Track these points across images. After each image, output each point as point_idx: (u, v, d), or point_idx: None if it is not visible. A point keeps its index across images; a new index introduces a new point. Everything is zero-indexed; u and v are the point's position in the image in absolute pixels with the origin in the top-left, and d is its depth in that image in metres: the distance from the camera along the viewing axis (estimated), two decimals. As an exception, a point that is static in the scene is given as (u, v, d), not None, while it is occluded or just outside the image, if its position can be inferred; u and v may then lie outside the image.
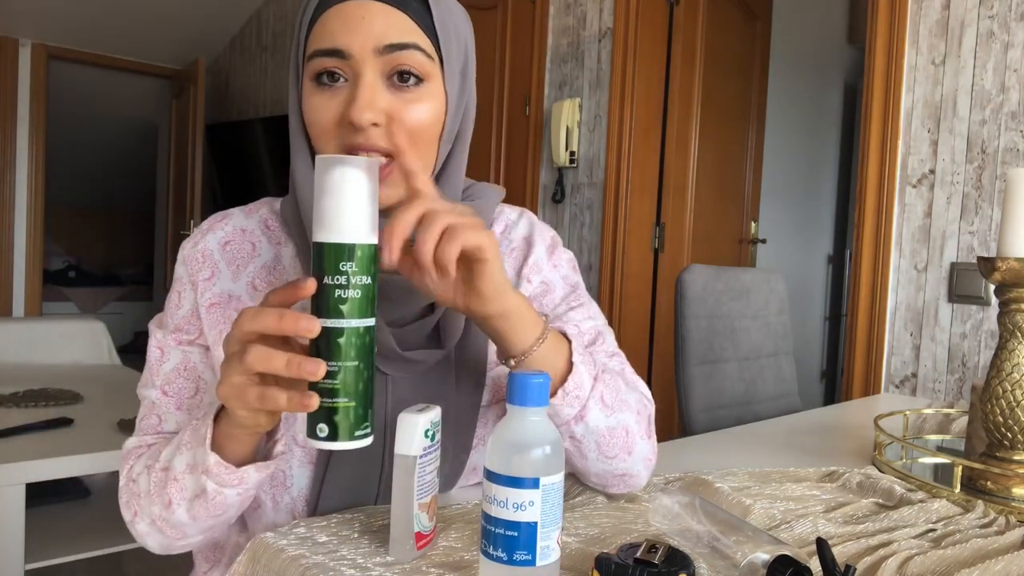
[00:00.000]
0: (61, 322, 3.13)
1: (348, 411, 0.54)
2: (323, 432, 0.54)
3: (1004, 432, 0.88)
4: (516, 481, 0.54)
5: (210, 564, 0.82)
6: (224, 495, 0.65)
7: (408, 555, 0.61)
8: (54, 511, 1.96)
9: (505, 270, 0.67)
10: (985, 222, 1.95)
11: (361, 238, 0.54)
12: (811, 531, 0.74)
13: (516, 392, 0.55)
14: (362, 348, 0.54)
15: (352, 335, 0.54)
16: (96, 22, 4.66)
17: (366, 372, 0.55)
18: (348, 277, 0.54)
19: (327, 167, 0.55)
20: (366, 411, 0.55)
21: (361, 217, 0.55)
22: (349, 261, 0.54)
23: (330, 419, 0.54)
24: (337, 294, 0.54)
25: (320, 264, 0.54)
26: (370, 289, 0.55)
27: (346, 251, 0.54)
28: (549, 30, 2.97)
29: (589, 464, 0.76)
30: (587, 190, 2.85)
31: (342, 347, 0.54)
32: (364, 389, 0.55)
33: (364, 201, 0.55)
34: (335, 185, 0.54)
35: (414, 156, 0.70)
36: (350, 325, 0.54)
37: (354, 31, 0.68)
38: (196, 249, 0.77)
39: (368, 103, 0.67)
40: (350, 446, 0.55)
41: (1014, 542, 0.73)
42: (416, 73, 0.69)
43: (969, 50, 1.97)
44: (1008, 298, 0.88)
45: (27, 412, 2.02)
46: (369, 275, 0.55)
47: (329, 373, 0.53)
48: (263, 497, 0.74)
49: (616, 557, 0.55)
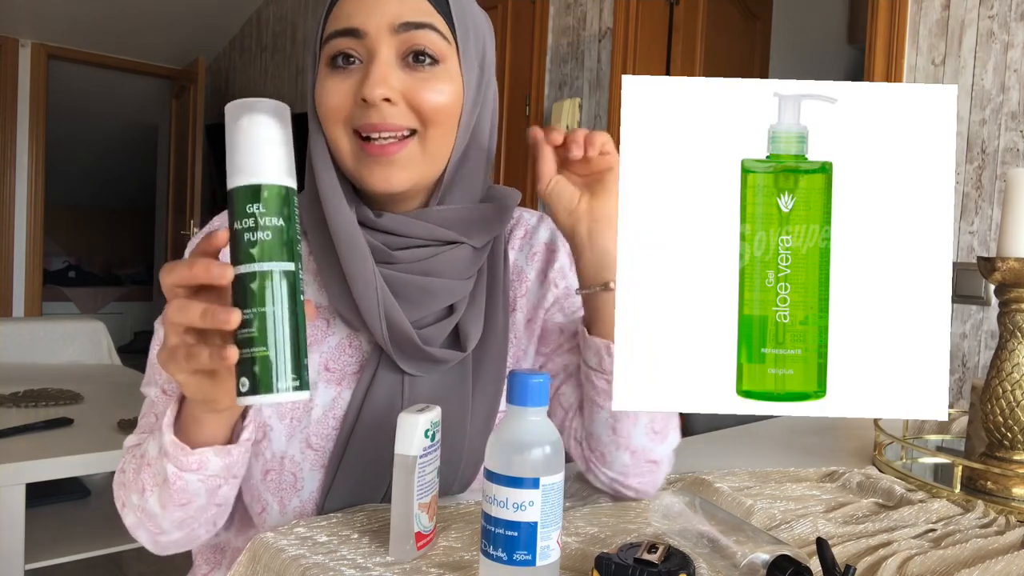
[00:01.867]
0: (61, 322, 3.13)
1: (267, 361, 0.51)
2: (244, 386, 0.51)
3: (1004, 432, 0.88)
4: (516, 481, 0.54)
5: (211, 566, 0.81)
6: (184, 480, 0.63)
7: (408, 555, 0.61)
8: (54, 511, 1.96)
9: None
10: (985, 222, 1.95)
11: (269, 178, 0.52)
12: (811, 531, 0.74)
13: (516, 392, 0.55)
14: (279, 294, 0.51)
15: (265, 279, 0.51)
16: (96, 22, 4.66)
17: (288, 319, 0.52)
18: (256, 219, 0.52)
19: (234, 115, 0.53)
20: (291, 362, 0.51)
21: (268, 158, 0.52)
22: (255, 202, 0.52)
23: (250, 371, 0.51)
24: (246, 238, 0.52)
25: (232, 212, 0.53)
26: (284, 232, 0.52)
27: (251, 192, 0.52)
28: (549, 30, 2.97)
29: (634, 431, 0.73)
30: (587, 190, 2.85)
31: (255, 293, 0.51)
32: (286, 337, 0.51)
33: (272, 143, 0.53)
34: (241, 130, 0.53)
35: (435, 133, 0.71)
36: (262, 269, 0.51)
37: (370, 11, 0.69)
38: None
39: (381, 78, 0.67)
40: (276, 399, 0.51)
41: (1014, 542, 0.73)
42: (431, 53, 0.70)
43: (969, 50, 1.97)
44: (1008, 298, 0.88)
45: (27, 412, 2.02)
46: (281, 217, 0.52)
47: (245, 322, 0.51)
48: (270, 499, 0.73)
49: (616, 557, 0.55)
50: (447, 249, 0.75)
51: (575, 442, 0.79)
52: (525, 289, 0.84)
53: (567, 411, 0.80)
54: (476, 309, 0.77)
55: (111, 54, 5.08)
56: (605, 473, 0.77)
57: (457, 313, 0.76)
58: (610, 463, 0.76)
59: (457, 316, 0.76)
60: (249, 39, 5.14)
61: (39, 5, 4.42)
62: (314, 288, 0.77)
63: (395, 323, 0.71)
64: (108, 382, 2.59)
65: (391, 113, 0.68)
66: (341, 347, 0.76)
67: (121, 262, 7.20)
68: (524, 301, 0.84)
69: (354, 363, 0.75)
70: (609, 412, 0.74)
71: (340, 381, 0.74)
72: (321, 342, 0.75)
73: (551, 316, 0.83)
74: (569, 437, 0.80)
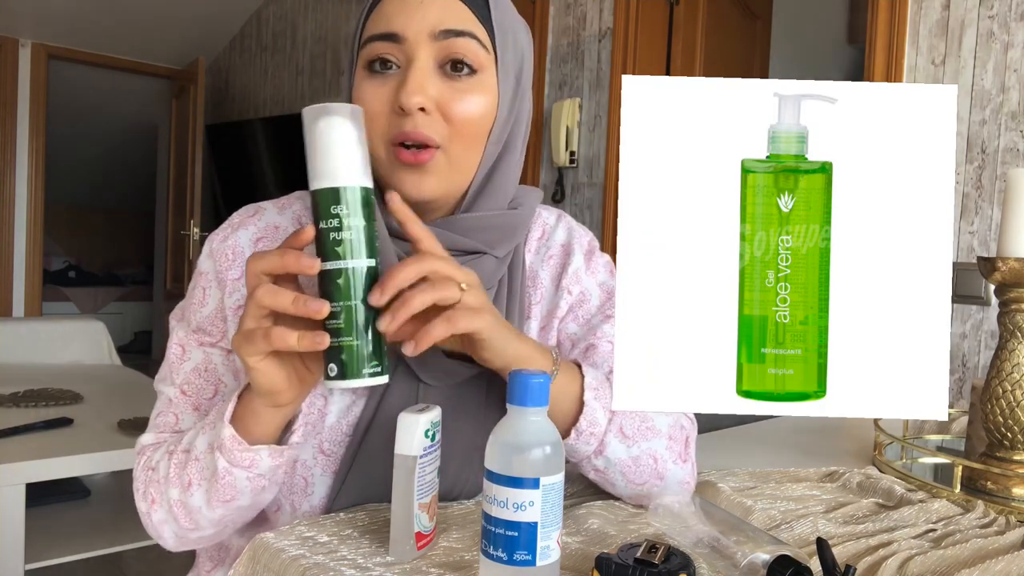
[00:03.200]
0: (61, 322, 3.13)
1: (353, 349, 0.56)
2: (333, 371, 0.57)
3: (1004, 432, 0.88)
4: (516, 481, 0.54)
5: (213, 563, 0.81)
6: (234, 476, 0.64)
7: (408, 555, 0.61)
8: (54, 511, 1.96)
9: (505, 329, 0.65)
10: (985, 222, 1.95)
11: (350, 181, 0.56)
12: (811, 531, 0.74)
13: (516, 392, 0.55)
14: (363, 288, 0.57)
15: (350, 275, 0.56)
16: (96, 22, 4.66)
17: (370, 312, 0.57)
18: (340, 220, 0.56)
19: (312, 118, 0.57)
20: (375, 349, 0.57)
21: (348, 161, 0.57)
22: (338, 204, 0.56)
23: (338, 358, 0.56)
24: (332, 236, 0.56)
25: (316, 211, 0.57)
26: (365, 230, 0.57)
27: (335, 194, 0.56)
28: (549, 30, 2.97)
29: (619, 490, 0.75)
30: (587, 190, 2.85)
31: (341, 288, 0.56)
32: (368, 327, 0.57)
33: (350, 146, 0.57)
34: (321, 134, 0.56)
35: (460, 147, 0.70)
36: (347, 266, 0.56)
37: (411, 15, 0.68)
38: (226, 244, 0.75)
39: (419, 86, 0.67)
40: (361, 383, 0.57)
41: (1014, 542, 0.73)
42: (470, 63, 0.69)
43: (969, 50, 1.97)
44: (1008, 298, 0.88)
45: (27, 412, 2.02)
46: (362, 216, 0.57)
47: (333, 314, 0.56)
48: (282, 501, 0.73)
49: (616, 557, 0.55)
50: (470, 260, 0.74)
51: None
52: (540, 296, 0.83)
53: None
54: None
55: (111, 54, 5.08)
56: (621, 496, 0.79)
57: None
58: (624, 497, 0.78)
59: None
60: (249, 39, 5.14)
61: (39, 5, 4.42)
62: None
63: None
64: (108, 382, 2.59)
65: (424, 123, 0.68)
66: None
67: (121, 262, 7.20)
68: (538, 308, 0.82)
69: None
70: (592, 478, 0.75)
71: (355, 389, 0.73)
72: None
73: (565, 326, 0.82)
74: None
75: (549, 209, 0.88)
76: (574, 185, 2.89)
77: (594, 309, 0.83)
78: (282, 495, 0.73)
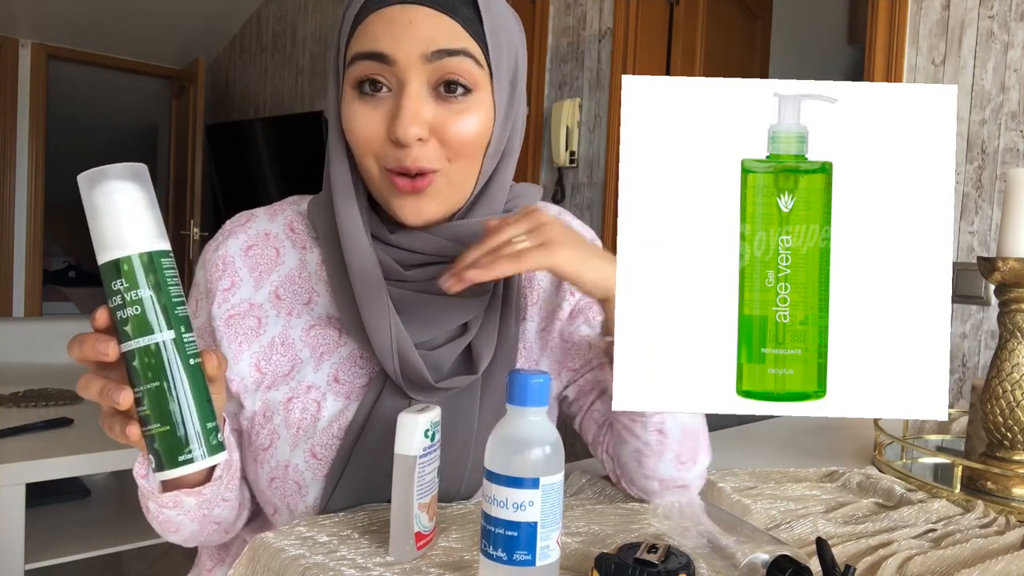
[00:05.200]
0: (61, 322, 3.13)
1: (165, 436, 0.50)
2: (153, 463, 0.51)
3: (1004, 432, 0.88)
4: (516, 481, 0.54)
5: (214, 562, 0.81)
6: (166, 515, 0.65)
7: (408, 555, 0.61)
8: (54, 511, 1.95)
9: (592, 259, 0.66)
10: (985, 222, 1.95)
11: (129, 249, 0.50)
12: (811, 531, 0.74)
13: (516, 392, 0.55)
14: (163, 367, 0.50)
15: (144, 355, 0.50)
16: (96, 22, 4.66)
17: (179, 389, 0.50)
18: (122, 295, 0.50)
19: (87, 186, 0.50)
20: (192, 432, 0.51)
21: (128, 228, 0.50)
22: (118, 278, 0.50)
23: (152, 448, 0.51)
24: (118, 316, 0.50)
25: (105, 289, 0.51)
26: (152, 301, 0.50)
27: (113, 267, 0.50)
28: (549, 30, 2.97)
29: (660, 464, 0.74)
30: (587, 190, 2.85)
31: (138, 370, 0.50)
32: (181, 408, 0.50)
33: (132, 211, 0.50)
34: (95, 203, 0.50)
35: (458, 167, 0.68)
36: (138, 345, 0.50)
37: (400, 36, 0.64)
38: (217, 255, 0.74)
39: (413, 117, 0.64)
40: (179, 473, 0.51)
41: (1014, 542, 0.73)
42: (464, 83, 0.66)
43: (969, 50, 1.97)
44: (1008, 298, 0.88)
45: (27, 412, 2.02)
46: (147, 287, 0.50)
47: (137, 399, 0.50)
48: (279, 504, 0.73)
49: (616, 557, 0.55)
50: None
51: (607, 456, 0.80)
52: (537, 296, 0.82)
53: (601, 426, 0.80)
54: (490, 326, 0.75)
55: (111, 54, 5.07)
56: (634, 491, 0.78)
57: (470, 332, 0.74)
58: (640, 487, 0.77)
59: (470, 336, 0.74)
60: (249, 39, 5.14)
61: (39, 5, 4.42)
62: (326, 298, 0.75)
63: (407, 360, 0.69)
64: (108, 382, 2.59)
65: (422, 154, 0.66)
66: (352, 358, 0.74)
67: (121, 262, 7.19)
68: (536, 309, 0.82)
69: (363, 376, 0.74)
70: (633, 447, 0.74)
71: (348, 395, 0.73)
72: (333, 351, 0.74)
73: (576, 329, 0.81)
74: (602, 451, 0.80)
75: (549, 206, 0.87)
76: (574, 185, 2.89)
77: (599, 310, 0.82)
78: (277, 499, 0.73)
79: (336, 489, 0.71)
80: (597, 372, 0.80)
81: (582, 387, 0.81)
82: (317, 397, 0.72)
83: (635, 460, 0.74)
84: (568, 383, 0.82)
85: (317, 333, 0.74)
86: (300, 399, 0.72)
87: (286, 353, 0.73)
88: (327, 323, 0.75)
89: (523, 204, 0.78)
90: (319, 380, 0.73)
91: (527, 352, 0.81)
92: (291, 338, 0.74)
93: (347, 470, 0.71)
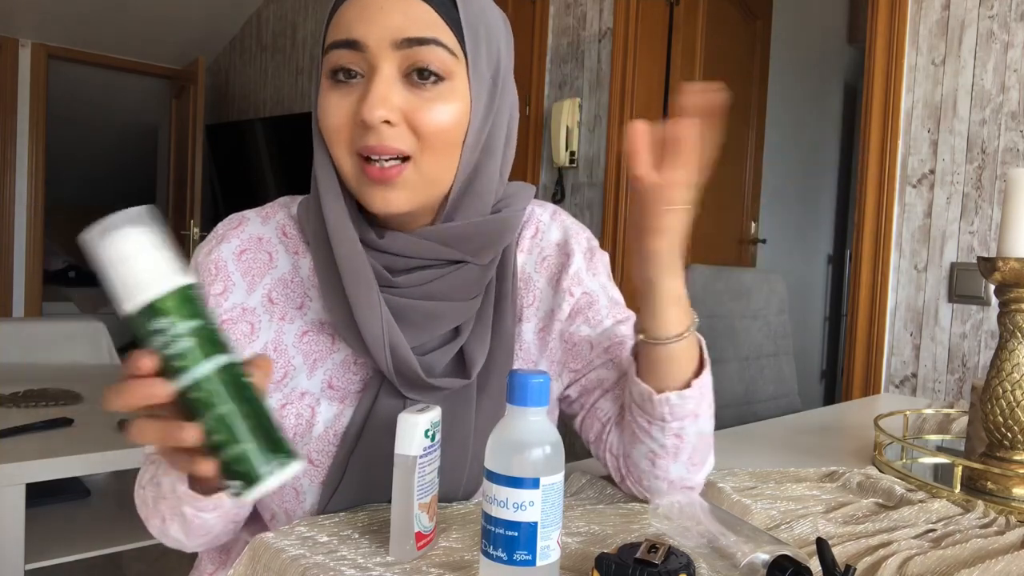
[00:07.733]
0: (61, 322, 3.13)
1: (244, 456, 0.50)
2: (236, 487, 0.50)
3: (1004, 432, 0.88)
4: (516, 481, 0.54)
5: (215, 566, 0.81)
6: (203, 518, 0.64)
7: (408, 555, 0.61)
8: (54, 511, 1.95)
9: (675, 265, 0.68)
10: (985, 222, 1.95)
11: (160, 289, 0.49)
12: (811, 531, 0.74)
13: (516, 392, 0.55)
14: (225, 389, 0.50)
15: (206, 384, 0.49)
16: (96, 22, 4.66)
17: (245, 406, 0.50)
18: (165, 333, 0.49)
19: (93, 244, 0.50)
20: (268, 445, 0.50)
21: (149, 270, 0.50)
22: (156, 318, 0.49)
23: (232, 471, 0.50)
24: (167, 353, 0.49)
25: (142, 335, 0.50)
26: (201, 329, 0.50)
27: (148, 312, 0.49)
28: (549, 30, 2.97)
29: (673, 466, 0.74)
30: (587, 190, 2.85)
31: (203, 400, 0.49)
32: (252, 424, 0.50)
33: (146, 253, 0.50)
34: (106, 256, 0.50)
35: (431, 158, 0.67)
36: (197, 376, 0.49)
37: (370, 21, 0.64)
38: (209, 259, 0.74)
39: (381, 99, 0.64)
40: (267, 488, 0.50)
41: (1014, 542, 0.73)
42: (436, 71, 0.65)
43: (969, 50, 1.97)
44: (1008, 298, 0.88)
45: (27, 412, 2.02)
46: (188, 317, 0.50)
47: (207, 430, 0.49)
48: (276, 510, 0.73)
49: (616, 557, 0.55)
50: (451, 270, 0.72)
51: (611, 455, 0.79)
52: (534, 298, 0.81)
53: (605, 425, 0.80)
54: (482, 330, 0.75)
55: (111, 54, 5.07)
56: (639, 490, 0.78)
57: (462, 336, 0.73)
58: (646, 487, 0.77)
59: (462, 339, 0.73)
60: (249, 39, 5.14)
61: (39, 5, 4.42)
62: (318, 304, 0.75)
63: (400, 356, 0.69)
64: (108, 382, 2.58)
65: (390, 136, 0.65)
66: (346, 364, 0.74)
67: (121, 262, 7.18)
68: (533, 311, 0.81)
69: (358, 381, 0.74)
70: (648, 448, 0.74)
71: (343, 399, 0.73)
72: (326, 358, 0.74)
73: (576, 330, 0.81)
74: (605, 450, 0.80)
75: (543, 205, 0.86)
76: (574, 185, 2.89)
77: (603, 312, 0.82)
78: (275, 505, 0.73)
79: (334, 495, 0.71)
80: (600, 371, 0.80)
81: (585, 387, 0.81)
82: (311, 403, 0.72)
83: (648, 460, 0.74)
84: (570, 383, 0.82)
85: (310, 339, 0.74)
86: (294, 405, 0.72)
87: (279, 359, 0.73)
88: (320, 329, 0.74)
89: (515, 204, 0.77)
90: (312, 387, 0.73)
91: (524, 353, 0.80)
92: (284, 344, 0.73)
93: (345, 476, 0.70)
